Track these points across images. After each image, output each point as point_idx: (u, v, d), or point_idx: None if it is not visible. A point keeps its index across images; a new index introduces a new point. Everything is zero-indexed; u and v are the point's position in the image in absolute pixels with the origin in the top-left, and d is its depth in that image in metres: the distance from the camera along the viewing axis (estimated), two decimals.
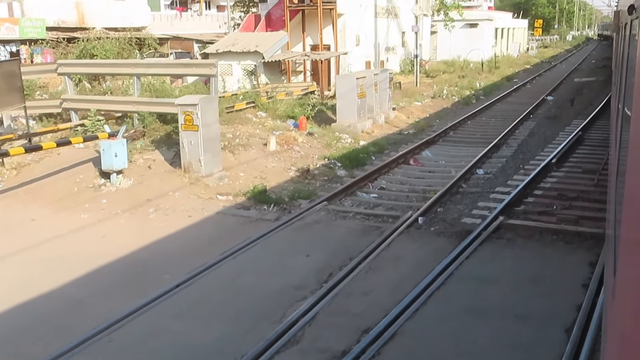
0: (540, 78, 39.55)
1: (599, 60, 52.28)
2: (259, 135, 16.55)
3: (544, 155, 15.57)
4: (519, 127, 20.57)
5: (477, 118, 23.13)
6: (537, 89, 33.18)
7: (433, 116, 23.87)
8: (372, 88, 20.87)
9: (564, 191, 12.19)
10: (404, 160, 15.71)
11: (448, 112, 25.15)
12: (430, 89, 30.81)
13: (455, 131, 20.31)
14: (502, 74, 38.84)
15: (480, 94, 30.40)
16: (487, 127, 20.99)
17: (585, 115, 22.30)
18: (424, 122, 22.08)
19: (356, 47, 31.38)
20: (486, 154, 16.13)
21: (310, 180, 13.51)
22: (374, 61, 33.78)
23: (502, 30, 57.88)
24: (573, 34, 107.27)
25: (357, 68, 31.31)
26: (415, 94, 28.20)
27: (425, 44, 42.15)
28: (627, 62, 5.16)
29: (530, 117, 23.03)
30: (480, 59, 39.95)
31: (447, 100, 27.81)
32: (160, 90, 18.35)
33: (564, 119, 22.09)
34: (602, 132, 18.54)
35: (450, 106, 26.65)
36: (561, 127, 20.11)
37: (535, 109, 25.02)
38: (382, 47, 34.89)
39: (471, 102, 28.00)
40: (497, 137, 18.13)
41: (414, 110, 24.38)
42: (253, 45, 23.83)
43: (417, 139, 18.93)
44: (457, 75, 35.99)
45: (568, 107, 25.34)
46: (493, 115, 23.97)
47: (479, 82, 34.45)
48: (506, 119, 22.78)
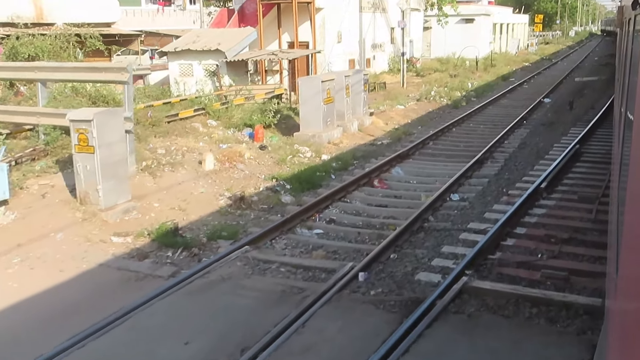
0: (538, 77, 36.87)
1: (602, 58, 49.49)
2: (200, 149, 14.04)
3: (533, 176, 13.01)
4: (509, 136, 18.00)
5: (464, 124, 20.55)
6: (534, 89, 30.53)
7: (415, 122, 21.30)
8: (343, 92, 18.32)
9: (553, 229, 9.66)
10: (367, 181, 13.18)
11: (433, 117, 22.57)
12: (418, 90, 28.22)
13: (437, 141, 17.74)
14: (498, 72, 36.19)
15: (472, 96, 27.79)
16: (473, 136, 18.41)
17: (585, 122, 19.71)
18: (403, 130, 19.52)
19: (337, 44, 28.80)
20: (466, 171, 13.59)
21: (245, 210, 11.00)
22: (358, 59, 31.19)
23: (501, 25, 55.11)
24: (576, 29, 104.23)
25: (339, 67, 28.76)
26: (400, 96, 25.62)
27: (417, 41, 39.52)
28: (630, 60, 4.97)
29: (523, 123, 20.44)
30: (475, 56, 37.29)
31: (434, 103, 25.22)
32: (101, 97, 15.87)
33: (560, 126, 19.49)
34: (603, 145, 15.94)
35: (437, 110, 24.06)
36: (557, 137, 17.53)
37: (530, 113, 22.42)
38: (368, 44, 32.30)
39: (460, 105, 25.41)
40: (482, 150, 15.59)
41: (395, 115, 21.81)
42: (215, 42, 21.31)
43: (391, 151, 16.39)
44: (449, 74, 33.36)
45: (566, 112, 22.73)
46: (482, 120, 21.38)
47: (472, 81, 31.81)
48: (496, 125, 20.21)
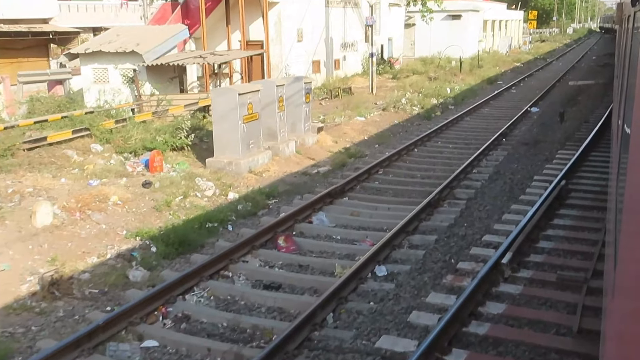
0: (529, 80, 33.07)
1: (600, 57, 45.66)
2: (56, 191, 10.33)
3: (498, 234, 9.32)
4: (480, 162, 14.28)
5: (430, 143, 16.80)
6: (522, 95, 26.77)
7: (372, 139, 17.56)
8: (275, 105, 14.59)
9: (512, 345, 5.98)
10: (271, 237, 9.48)
11: (396, 131, 18.83)
12: (389, 95, 24.48)
13: (389, 168, 14.01)
14: (484, 74, 32.39)
15: (450, 103, 24.04)
16: (437, 162, 14.67)
17: (576, 141, 15.97)
18: (354, 151, 15.79)
19: (298, 43, 25.05)
20: (412, 220, 9.90)
21: (58, 300, 7.29)
22: (324, 61, 27.43)
23: (493, 22, 51.29)
24: (574, 26, 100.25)
25: (300, 69, 25.02)
26: (364, 104, 21.87)
27: (397, 39, 35.75)
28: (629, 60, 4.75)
29: (502, 141, 16.71)
30: (459, 56, 33.48)
31: (402, 113, 21.46)
32: None
33: (546, 146, 15.75)
34: (596, 179, 12.23)
35: (403, 122, 20.31)
36: (539, 165, 13.80)
37: (513, 126, 18.68)
38: (337, 43, 28.53)
39: (434, 115, 21.68)
40: (442, 183, 11.90)
41: (350, 130, 18.07)
42: (133, 43, 17.59)
43: (325, 184, 12.70)
44: (428, 77, 29.58)
45: (556, 125, 18.99)
46: (453, 137, 17.62)
47: (453, 85, 28.03)
48: (469, 144, 16.47)
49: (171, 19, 23.28)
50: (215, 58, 18.40)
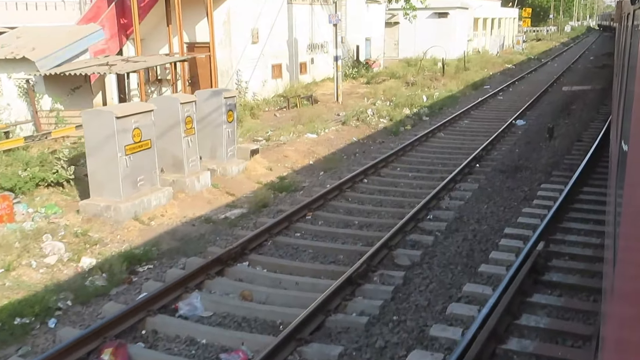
0: (520, 84, 29.76)
1: (599, 57, 42.36)
2: None
3: (431, 351, 6.09)
4: (440, 202, 11.01)
5: (386, 170, 13.52)
6: (509, 103, 23.49)
7: (319, 164, 14.31)
8: (180, 128, 11.35)
9: None
10: (96, 347, 6.25)
11: (351, 152, 15.57)
12: (356, 105, 21.26)
13: (321, 210, 10.74)
14: (469, 78, 29.04)
15: (424, 114, 20.75)
16: (385, 200, 11.37)
17: (566, 170, 12.72)
18: (288, 183, 12.53)
19: (253, 45, 21.78)
20: (313, 318, 6.68)
21: None
22: (287, 64, 24.16)
23: (485, 20, 47.94)
24: (572, 24, 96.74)
25: (257, 75, 21.81)
26: (322, 117, 18.62)
27: (376, 39, 32.46)
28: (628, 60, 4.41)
29: (475, 168, 13.45)
30: (442, 58, 30.15)
31: (365, 128, 18.20)
32: None
33: (527, 177, 12.49)
34: (588, 233, 8.98)
35: (364, 139, 17.06)
36: (515, 209, 10.52)
37: (491, 147, 15.42)
38: (303, 44, 25.25)
39: (402, 130, 18.42)
40: (382, 238, 8.70)
41: (294, 152, 14.81)
42: (29, 47, 14.34)
43: (228, 237, 9.47)
44: (406, 82, 26.29)
45: (543, 143, 15.75)
46: (417, 161, 14.35)
47: (431, 92, 24.74)
48: (433, 173, 13.22)
49: (103, 18, 20.00)
50: (125, 66, 15.11)
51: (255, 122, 18.89)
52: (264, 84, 21.65)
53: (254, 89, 21.51)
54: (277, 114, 20.10)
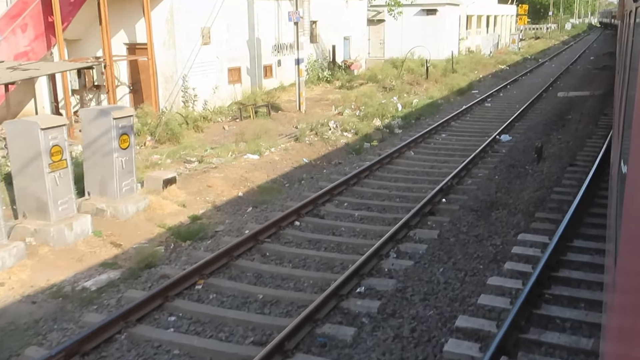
0: (512, 88, 26.87)
1: (600, 57, 39.44)
2: None
3: None
4: (384, 260, 8.20)
5: (327, 208, 10.67)
6: (496, 111, 20.64)
7: (249, 196, 11.49)
8: (43, 161, 8.52)
9: None
10: None
11: (294, 179, 12.73)
12: (323, 114, 18.48)
13: (219, 276, 7.92)
14: (455, 82, 26.13)
15: (396, 125, 17.91)
16: (314, 256, 8.51)
17: (552, 211, 9.88)
18: (199, 225, 9.72)
19: (204, 46, 18.94)
20: None
21: None
22: (248, 67, 21.32)
23: (480, 18, 44.94)
24: (573, 21, 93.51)
25: (207, 80, 19.03)
26: (268, 133, 15.81)
27: (357, 38, 29.56)
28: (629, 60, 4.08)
29: (440, 204, 10.62)
30: (426, 60, 27.22)
31: (322, 145, 15.37)
32: None
33: (502, 223, 9.64)
34: (583, 312, 6.17)
35: (317, 160, 14.24)
36: (483, 268, 7.72)
37: (465, 173, 12.58)
38: (268, 44, 22.41)
39: (368, 146, 15.62)
40: (283, 329, 5.96)
41: (223, 180, 11.98)
42: None
43: (70, 327, 6.68)
44: (382, 87, 23.44)
45: (530, 167, 12.94)
46: (370, 195, 11.48)
47: (409, 99, 21.89)
48: (386, 211, 10.41)
49: (26, 16, 17.19)
50: (5, 75, 12.22)
51: (199, 137, 16.13)
52: (214, 91, 18.81)
53: (205, 96, 18.70)
54: (227, 126, 17.30)
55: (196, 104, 18.36)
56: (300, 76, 18.92)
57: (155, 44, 17.93)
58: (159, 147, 15.03)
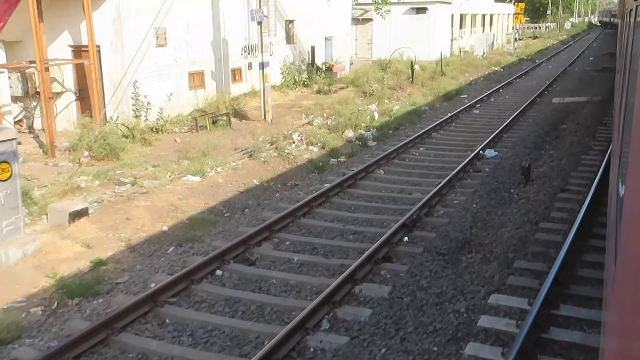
0: (504, 92, 24.87)
1: (599, 58, 37.43)
2: None
3: None
4: (307, 337, 6.24)
5: (265, 247, 8.71)
6: (484, 120, 18.65)
7: (175, 232, 9.52)
8: None
9: None
10: None
11: (237, 207, 10.75)
12: (292, 123, 16.56)
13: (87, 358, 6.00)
14: (443, 86, 24.09)
15: (370, 137, 15.94)
16: (224, 326, 6.56)
17: (540, 253, 7.90)
18: (95, 278, 7.78)
19: (159, 48, 16.97)
20: None
21: None
22: (213, 71, 19.35)
23: (474, 17, 42.92)
24: (573, 21, 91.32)
25: (163, 86, 17.08)
26: (217, 148, 13.86)
27: (341, 38, 27.56)
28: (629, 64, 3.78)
29: (400, 244, 8.65)
30: (412, 62, 25.19)
31: (279, 163, 13.40)
32: None
33: (477, 265, 7.69)
34: None
35: (269, 181, 12.27)
36: (439, 351, 5.75)
37: (438, 200, 10.61)
38: (237, 45, 20.42)
39: (335, 163, 13.67)
40: None
41: (145, 212, 10.01)
42: None
43: None
44: (362, 92, 21.45)
45: (515, 191, 10.98)
46: (320, 231, 9.45)
47: (390, 105, 19.92)
48: (332, 255, 8.45)
49: None
50: None
51: (144, 151, 14.19)
52: (169, 98, 16.83)
53: (161, 104, 16.73)
54: (179, 138, 15.34)
55: (150, 113, 16.39)
56: (266, 82, 16.95)
57: (102, 46, 16.00)
58: (94, 164, 13.10)
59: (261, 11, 16.21)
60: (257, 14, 16.21)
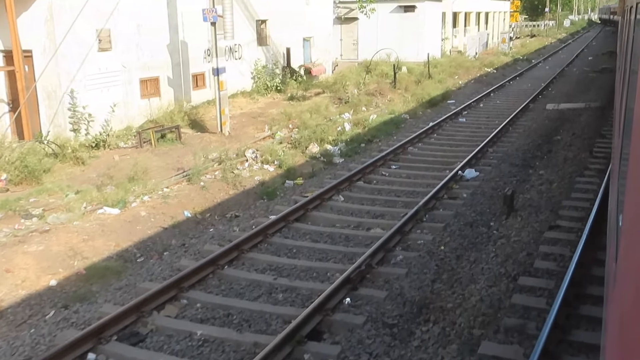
0: (495, 96, 22.88)
1: (599, 58, 35.40)
2: None
3: None
4: None
5: (161, 318, 6.78)
6: (468, 131, 16.66)
7: (65, 287, 7.55)
8: None
9: None
10: None
11: (156, 249, 8.78)
12: (256, 134, 14.63)
13: None
14: (428, 90, 22.06)
15: (336, 153, 13.98)
16: None
17: (515, 331, 5.92)
18: None
19: (101, 53, 15.02)
20: None
21: None
22: (170, 77, 17.40)
23: (468, 15, 40.87)
24: (572, 18, 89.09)
25: (107, 95, 15.14)
26: (149, 172, 11.91)
27: (321, 39, 25.57)
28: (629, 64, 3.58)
29: (335, 312, 6.69)
30: (395, 64, 23.17)
31: (221, 187, 11.44)
32: None
33: (435, 337, 5.74)
34: None
35: (205, 212, 10.30)
36: None
37: (399, 239, 8.66)
38: (200, 48, 18.45)
39: (286, 187, 11.71)
40: None
41: (32, 260, 7.99)
42: None
43: None
44: (337, 99, 19.47)
45: (494, 224, 9.02)
46: (240, 289, 7.53)
47: (368, 113, 17.95)
48: (241, 330, 6.48)
49: None
50: None
51: (75, 173, 12.25)
52: (113, 109, 14.85)
53: (106, 115, 14.76)
54: (119, 155, 13.39)
55: (92, 126, 14.45)
56: (222, 90, 15.01)
57: (35, 51, 14.08)
58: (10, 189, 11.17)
59: (214, 10, 14.24)
60: (210, 13, 14.24)
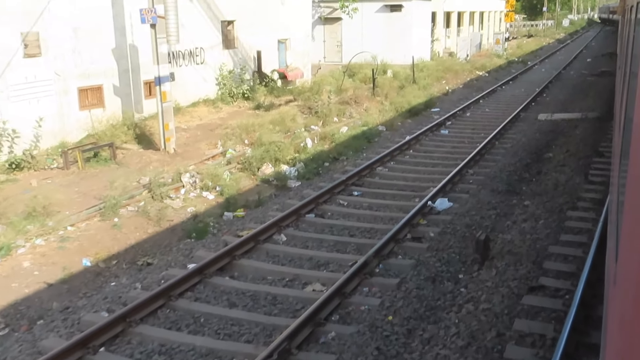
0: (484, 103, 20.89)
1: (598, 59, 33.38)
2: None
3: None
4: None
5: None
6: (449, 147, 14.68)
7: None
8: None
9: None
10: None
11: (28, 317, 6.86)
12: (207, 152, 12.69)
13: None
14: (409, 98, 19.99)
15: (292, 175, 12.02)
16: None
17: None
18: None
19: (28, 59, 13.06)
20: None
21: None
22: (117, 85, 15.44)
23: (461, 15, 38.83)
24: (571, 17, 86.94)
25: (42, 107, 13.21)
26: (50, 207, 9.96)
27: (299, 41, 23.62)
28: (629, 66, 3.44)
29: None
30: (373, 69, 21.16)
31: (144, 223, 9.49)
32: None
33: None
34: None
35: (114, 258, 8.35)
36: None
37: (338, 304, 6.71)
38: (151, 53, 16.46)
39: (222, 222, 9.76)
40: None
41: None
42: None
43: None
44: (307, 108, 17.50)
45: (463, 277, 7.07)
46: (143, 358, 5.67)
47: (339, 124, 15.98)
48: None
49: None
50: None
51: None
52: (39, 123, 12.91)
53: (28, 132, 12.81)
54: (36, 180, 11.43)
55: (17, 143, 12.51)
56: (164, 102, 13.05)
57: None
58: None
59: (153, 10, 12.27)
60: (148, 14, 12.27)
